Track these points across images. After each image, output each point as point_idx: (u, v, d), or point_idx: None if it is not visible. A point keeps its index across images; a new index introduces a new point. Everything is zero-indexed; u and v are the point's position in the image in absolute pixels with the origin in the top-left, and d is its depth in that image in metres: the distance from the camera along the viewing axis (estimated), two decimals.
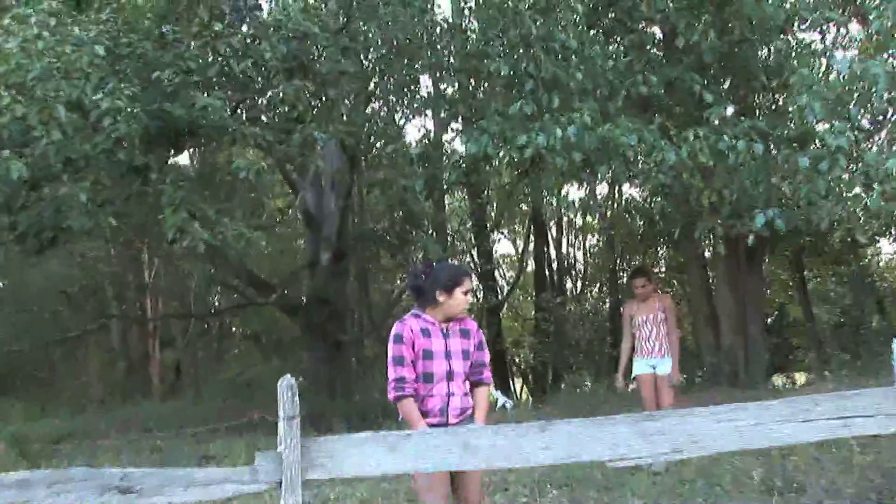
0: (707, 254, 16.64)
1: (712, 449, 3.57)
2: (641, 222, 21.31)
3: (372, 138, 12.82)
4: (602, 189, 24.66)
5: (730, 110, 7.58)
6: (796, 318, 22.49)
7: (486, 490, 6.65)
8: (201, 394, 21.74)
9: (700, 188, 8.34)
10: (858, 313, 19.38)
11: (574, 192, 21.49)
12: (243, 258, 17.80)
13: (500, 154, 7.78)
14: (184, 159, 20.57)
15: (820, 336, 20.11)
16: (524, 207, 25.70)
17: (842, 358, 14.68)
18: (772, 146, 8.08)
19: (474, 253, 24.52)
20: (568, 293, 25.96)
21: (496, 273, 26.04)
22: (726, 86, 9.18)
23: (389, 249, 18.38)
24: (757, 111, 11.57)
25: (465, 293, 4.84)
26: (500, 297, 24.56)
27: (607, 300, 25.18)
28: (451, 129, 11.12)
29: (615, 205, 24.52)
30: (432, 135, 15.67)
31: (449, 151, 9.43)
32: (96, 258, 22.01)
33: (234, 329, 29.38)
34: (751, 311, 14.71)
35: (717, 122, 7.84)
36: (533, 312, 25.30)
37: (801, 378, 18.81)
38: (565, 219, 27.52)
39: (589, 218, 28.01)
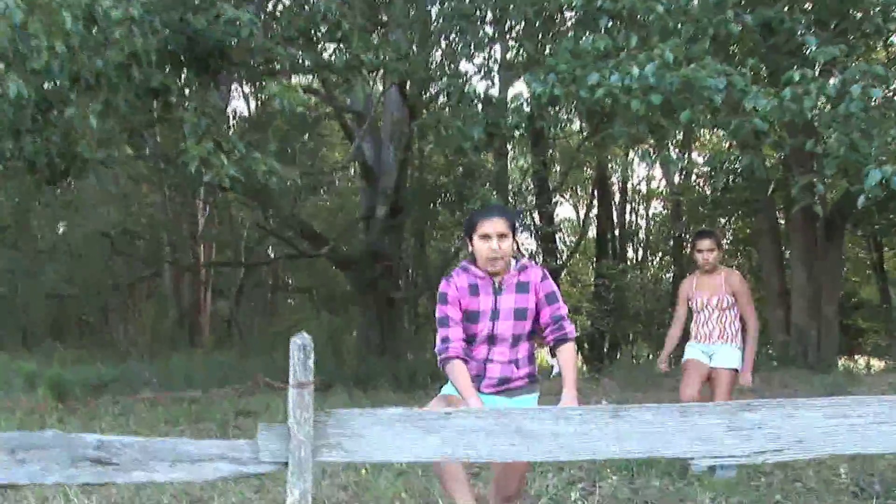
0: (785, 223, 15.73)
1: (821, 451, 2.88)
2: (714, 187, 20.28)
3: (431, 81, 11.87)
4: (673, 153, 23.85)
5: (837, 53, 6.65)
6: (865, 300, 21.53)
7: (534, 472, 6.02)
8: (250, 346, 21.42)
9: (796, 143, 7.50)
10: None
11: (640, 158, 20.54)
12: (296, 208, 17.38)
13: (569, 95, 6.96)
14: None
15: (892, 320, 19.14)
16: (588, 171, 24.98)
17: None
18: (892, 94, 7.05)
19: (535, 215, 23.77)
20: (629, 261, 25.25)
21: (556, 237, 25.25)
22: (833, 29, 8.15)
23: (447, 205, 17.72)
24: (871, 56, 10.48)
25: (484, 238, 4.15)
26: (559, 261, 23.79)
27: (670, 270, 24.47)
28: (517, 70, 10.05)
29: (683, 171, 23.54)
30: (496, 76, 14.71)
31: (512, 96, 8.56)
32: (150, 203, 21.73)
33: (288, 282, 29.06)
34: (827, 290, 13.79)
35: (822, 64, 6.96)
36: (592, 279, 24.57)
37: (877, 363, 17.81)
38: (630, 184, 26.76)
39: (655, 183, 27.21)
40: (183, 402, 10.95)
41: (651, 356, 19.75)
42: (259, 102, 21.20)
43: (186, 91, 8.63)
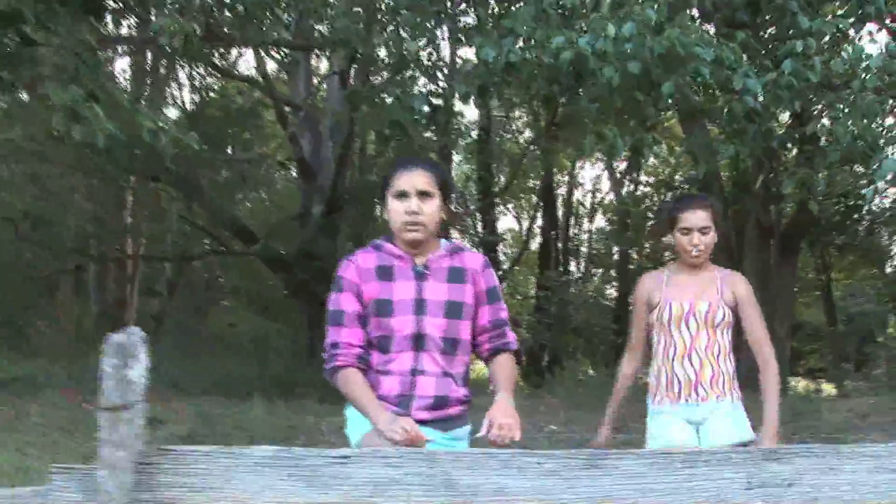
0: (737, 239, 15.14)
1: None
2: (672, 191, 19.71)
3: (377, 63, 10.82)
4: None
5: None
6: (806, 322, 21.23)
7: None
8: (179, 347, 20.29)
9: (786, 135, 6.76)
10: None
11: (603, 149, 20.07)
12: (225, 203, 16.43)
13: (527, 63, 5.98)
14: None
15: (840, 343, 18.78)
16: (533, 182, 24.42)
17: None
18: None
19: (478, 224, 23.06)
20: (572, 274, 24.73)
21: (498, 247, 24.57)
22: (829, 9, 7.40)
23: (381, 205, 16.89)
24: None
25: (400, 197, 3.03)
26: (500, 272, 23.08)
27: (613, 285, 24.05)
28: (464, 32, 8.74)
29: (635, 178, 23.11)
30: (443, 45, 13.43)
31: (462, 62, 7.39)
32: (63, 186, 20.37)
33: (220, 281, 27.95)
34: (780, 309, 13.19)
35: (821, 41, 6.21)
36: (533, 291, 23.96)
37: (827, 387, 17.32)
38: (575, 196, 26.29)
39: (601, 196, 26.70)
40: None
41: (592, 371, 19.13)
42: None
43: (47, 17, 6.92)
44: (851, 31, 6.44)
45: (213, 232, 16.81)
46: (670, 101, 5.78)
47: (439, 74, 7.29)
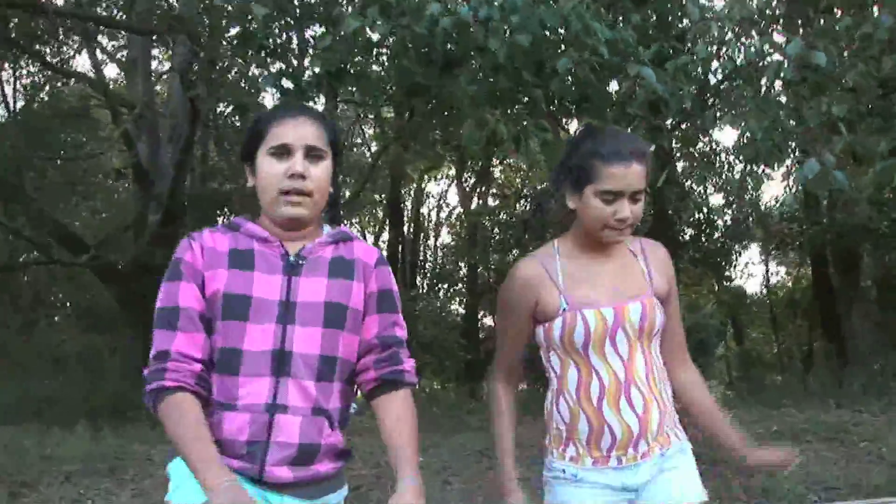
0: None
1: None
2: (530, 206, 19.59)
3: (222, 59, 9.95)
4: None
5: None
6: None
7: None
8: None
9: (689, 135, 6.30)
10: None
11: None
12: (51, 209, 15.30)
13: (398, 35, 5.28)
14: None
15: None
16: (380, 196, 24.04)
17: None
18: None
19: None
20: (419, 290, 24.49)
21: None
22: None
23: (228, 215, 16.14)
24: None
25: (278, 155, 2.19)
26: None
27: (459, 301, 23.95)
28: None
29: (484, 192, 23.05)
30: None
31: (318, 35, 6.47)
32: None
33: (50, 295, 26.27)
34: None
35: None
36: None
37: None
38: (424, 209, 26.12)
39: (448, 211, 26.55)
40: None
41: (440, 387, 18.85)
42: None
43: None
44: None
45: (37, 240, 15.55)
46: (566, 82, 5.19)
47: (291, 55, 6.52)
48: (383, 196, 23.88)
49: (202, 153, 18.70)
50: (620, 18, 5.62)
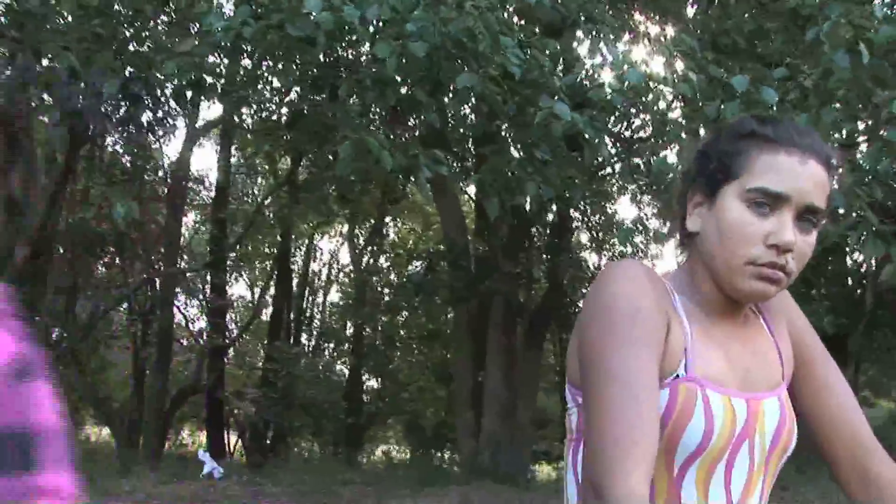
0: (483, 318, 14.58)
1: None
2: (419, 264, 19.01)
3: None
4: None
5: None
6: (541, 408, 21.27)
7: None
8: None
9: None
10: None
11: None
12: None
13: (266, 35, 4.42)
14: None
15: None
16: (268, 248, 23.28)
17: None
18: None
19: (206, 286, 21.46)
20: (303, 348, 23.66)
21: (227, 313, 22.97)
22: None
23: (99, 255, 15.13)
24: None
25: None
26: (225, 338, 21.48)
27: (345, 361, 23.25)
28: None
29: (376, 250, 22.52)
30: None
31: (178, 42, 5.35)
32: None
33: None
34: (524, 395, 12.63)
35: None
36: (261, 362, 22.61)
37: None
38: (313, 265, 25.40)
39: (336, 269, 25.92)
40: None
41: (321, 450, 18.04)
42: None
43: None
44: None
45: None
46: (467, 103, 4.49)
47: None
48: (273, 249, 23.09)
49: (86, 185, 17.59)
50: (534, 41, 4.96)
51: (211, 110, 33.38)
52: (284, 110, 10.27)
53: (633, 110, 5.14)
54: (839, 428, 1.48)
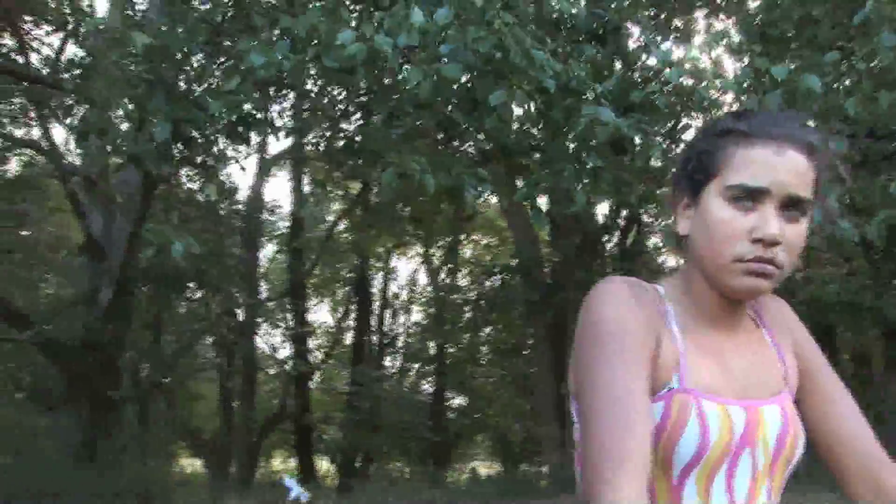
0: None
1: None
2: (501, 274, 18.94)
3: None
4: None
5: None
6: None
7: None
8: None
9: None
10: None
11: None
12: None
13: (299, 66, 4.33)
14: None
15: None
16: (347, 272, 23.52)
17: None
18: None
19: (287, 315, 21.78)
20: (387, 370, 23.80)
21: (309, 341, 23.25)
22: None
23: (181, 290, 15.47)
24: None
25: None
26: (309, 365, 21.76)
27: (429, 380, 23.35)
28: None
29: (453, 267, 22.60)
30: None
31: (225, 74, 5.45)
32: None
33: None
34: None
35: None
36: (347, 387, 22.85)
37: None
38: (392, 287, 25.57)
39: (418, 289, 26.03)
40: None
41: (410, 470, 18.09)
42: None
43: None
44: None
45: None
46: (499, 122, 4.48)
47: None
48: (351, 274, 23.36)
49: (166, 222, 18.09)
50: (569, 50, 4.92)
51: (281, 143, 34.02)
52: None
53: (679, 109, 5.05)
54: (847, 440, 1.46)
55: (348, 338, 24.39)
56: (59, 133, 17.14)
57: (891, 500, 1.41)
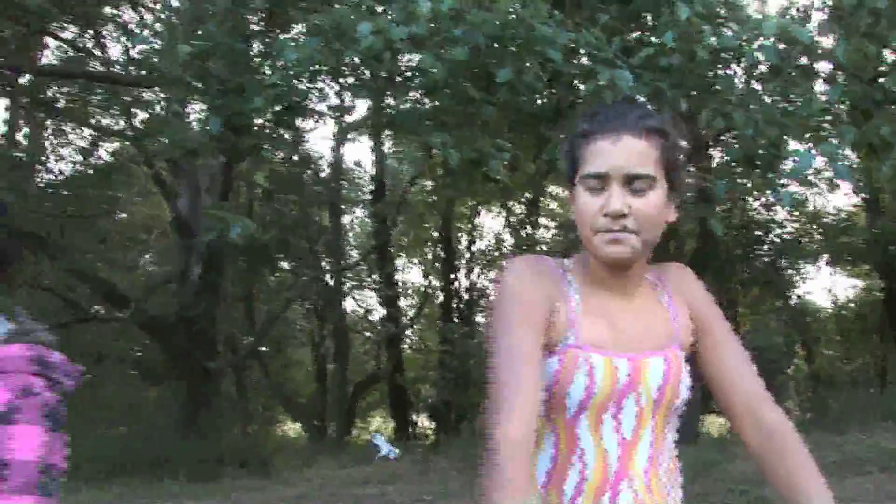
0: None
1: None
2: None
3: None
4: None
5: None
6: None
7: None
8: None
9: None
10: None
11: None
12: (93, 265, 15.31)
13: (329, 56, 4.63)
14: None
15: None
16: (433, 231, 23.74)
17: None
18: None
19: (377, 276, 22.20)
20: (476, 326, 23.95)
21: (399, 300, 23.64)
22: None
23: (269, 262, 15.96)
24: None
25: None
26: (398, 326, 22.17)
27: None
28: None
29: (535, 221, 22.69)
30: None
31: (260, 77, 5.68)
32: None
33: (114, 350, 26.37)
34: None
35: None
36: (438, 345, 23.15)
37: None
38: (478, 244, 25.63)
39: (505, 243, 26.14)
40: None
41: None
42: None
43: None
44: None
45: (65, 295, 15.43)
46: (512, 95, 4.66)
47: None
48: (436, 234, 23.56)
49: (250, 199, 18.65)
50: (578, 19, 5.05)
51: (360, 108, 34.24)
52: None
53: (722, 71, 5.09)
54: (735, 382, 1.76)
55: (439, 297, 24.60)
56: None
57: (767, 431, 1.69)
